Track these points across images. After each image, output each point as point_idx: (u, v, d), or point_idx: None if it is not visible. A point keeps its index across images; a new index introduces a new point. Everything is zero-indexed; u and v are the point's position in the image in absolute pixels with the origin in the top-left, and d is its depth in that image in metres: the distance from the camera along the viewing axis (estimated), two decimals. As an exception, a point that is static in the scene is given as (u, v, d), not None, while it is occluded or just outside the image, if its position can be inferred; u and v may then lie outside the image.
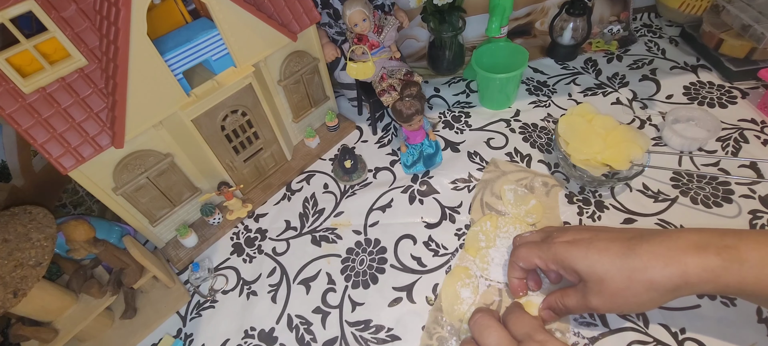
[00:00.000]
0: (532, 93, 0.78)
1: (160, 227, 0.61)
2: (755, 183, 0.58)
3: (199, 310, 0.57)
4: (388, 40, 0.69)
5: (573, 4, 0.77)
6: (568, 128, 0.59)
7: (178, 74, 0.52)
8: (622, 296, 0.38)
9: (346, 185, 0.68)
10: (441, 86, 0.83)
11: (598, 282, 0.39)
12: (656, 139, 0.66)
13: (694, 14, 0.83)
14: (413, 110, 0.60)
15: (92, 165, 0.49)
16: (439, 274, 0.55)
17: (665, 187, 0.60)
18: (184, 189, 0.61)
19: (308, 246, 0.61)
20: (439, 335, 0.49)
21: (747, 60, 0.72)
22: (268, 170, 0.70)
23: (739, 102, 0.70)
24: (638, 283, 0.37)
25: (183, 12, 0.56)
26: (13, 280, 0.42)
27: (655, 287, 0.37)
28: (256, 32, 0.56)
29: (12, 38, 0.41)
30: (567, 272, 0.43)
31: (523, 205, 0.60)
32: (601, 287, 0.39)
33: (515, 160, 0.67)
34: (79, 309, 0.51)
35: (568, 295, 0.43)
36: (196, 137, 0.56)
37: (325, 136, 0.76)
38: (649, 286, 0.37)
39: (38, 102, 0.44)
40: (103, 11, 0.44)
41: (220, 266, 0.62)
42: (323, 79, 0.73)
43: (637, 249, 0.38)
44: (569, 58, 0.84)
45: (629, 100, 0.74)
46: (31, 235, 0.44)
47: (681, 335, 0.46)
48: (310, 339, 0.52)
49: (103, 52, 0.46)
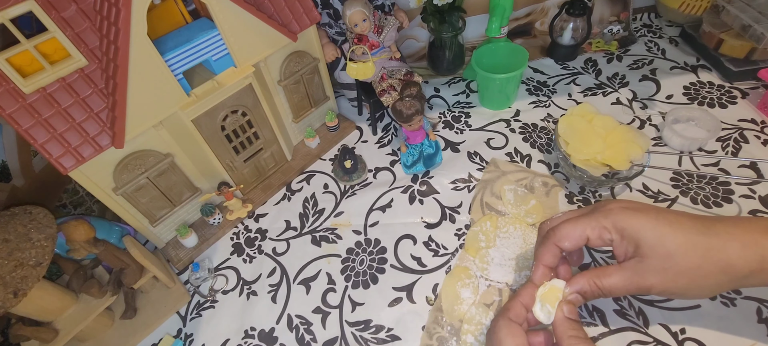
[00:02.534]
0: (532, 93, 0.78)
1: (160, 227, 0.61)
2: (755, 183, 0.58)
3: (199, 310, 0.57)
4: (388, 41, 0.69)
5: (573, 4, 0.77)
6: (568, 128, 0.59)
7: (178, 74, 0.52)
8: (689, 275, 0.34)
9: (346, 185, 0.68)
10: (441, 86, 0.83)
11: (664, 257, 0.34)
12: (656, 139, 0.66)
13: (694, 14, 0.83)
14: (413, 110, 0.60)
15: (92, 165, 0.49)
16: (439, 274, 0.55)
17: (665, 187, 0.60)
18: (184, 189, 0.61)
19: (308, 246, 0.61)
20: (439, 335, 0.49)
21: (747, 60, 0.72)
22: (268, 170, 0.70)
23: (739, 102, 0.70)
24: (712, 263, 0.33)
25: (183, 12, 0.56)
26: (14, 280, 0.42)
27: (729, 270, 0.33)
28: (256, 32, 0.56)
29: (12, 38, 0.41)
30: (624, 244, 0.37)
31: (523, 205, 0.60)
32: (667, 263, 0.34)
33: (515, 160, 0.67)
34: (79, 309, 0.51)
35: (608, 274, 0.37)
36: (196, 137, 0.56)
37: (325, 136, 0.76)
38: (724, 267, 0.33)
39: (38, 102, 0.44)
40: (103, 11, 0.44)
41: (220, 266, 0.62)
42: (323, 79, 0.73)
43: (713, 227, 0.34)
44: (569, 59, 0.84)
45: (629, 100, 0.74)
46: (31, 235, 0.44)
47: (681, 335, 0.46)
48: (310, 339, 0.52)
49: (104, 52, 0.46)
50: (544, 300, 0.39)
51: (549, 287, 0.39)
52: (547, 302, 0.38)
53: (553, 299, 0.38)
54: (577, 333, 0.36)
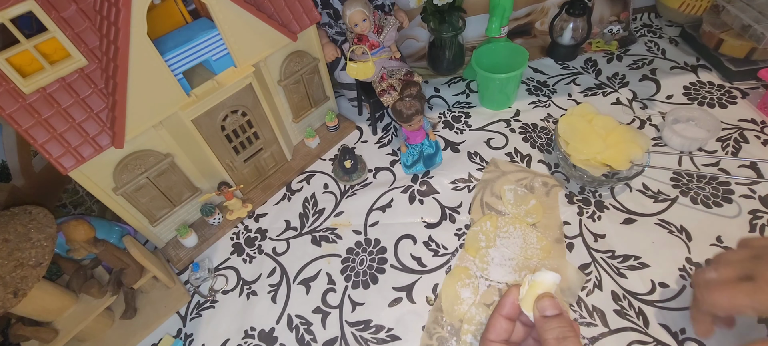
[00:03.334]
0: (532, 93, 0.78)
1: (160, 227, 0.61)
2: (755, 183, 0.58)
3: (199, 310, 0.57)
4: (388, 41, 0.69)
5: (573, 4, 0.77)
6: (568, 128, 0.59)
7: (178, 74, 0.52)
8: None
9: (346, 185, 0.68)
10: (441, 86, 0.83)
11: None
12: (656, 139, 0.66)
13: (694, 14, 0.83)
14: (413, 110, 0.60)
15: (92, 165, 0.49)
16: (439, 274, 0.55)
17: (665, 187, 0.60)
18: (184, 189, 0.61)
19: (308, 246, 0.61)
20: (439, 335, 0.49)
21: (747, 60, 0.72)
22: (268, 170, 0.70)
23: (739, 102, 0.70)
24: None
25: (183, 12, 0.56)
26: (14, 280, 0.42)
27: None
28: (256, 32, 0.56)
29: (12, 38, 0.41)
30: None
31: (523, 205, 0.60)
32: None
33: (515, 160, 0.67)
34: (79, 309, 0.51)
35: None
36: (196, 137, 0.56)
37: (325, 136, 0.76)
38: None
39: (38, 102, 0.44)
40: (103, 11, 0.44)
41: (220, 266, 0.62)
42: (323, 79, 0.73)
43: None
44: (569, 58, 0.84)
45: (629, 100, 0.74)
46: (31, 235, 0.44)
47: (681, 335, 0.46)
48: (310, 339, 0.52)
49: (103, 52, 0.46)
50: (524, 304, 0.36)
51: (529, 284, 0.36)
52: (525, 306, 0.36)
53: (531, 300, 0.35)
54: (556, 334, 0.33)
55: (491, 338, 0.37)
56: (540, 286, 0.35)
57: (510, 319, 0.37)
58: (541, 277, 0.35)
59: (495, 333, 0.37)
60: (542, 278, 0.35)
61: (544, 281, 0.35)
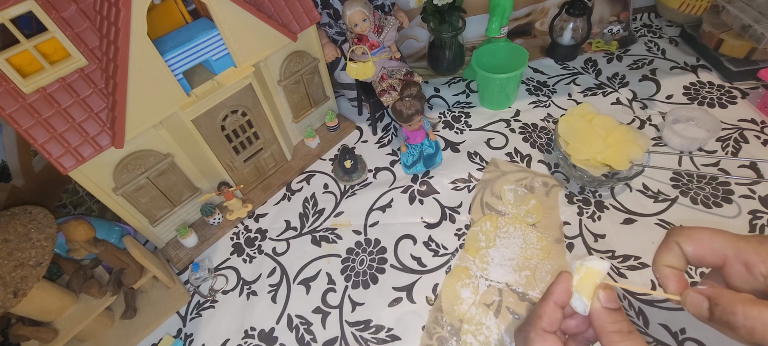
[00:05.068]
0: (532, 93, 0.78)
1: (160, 227, 0.61)
2: (755, 183, 0.58)
3: (199, 310, 0.57)
4: (388, 41, 0.69)
5: (573, 4, 0.77)
6: (568, 128, 0.59)
7: (178, 74, 0.52)
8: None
9: (346, 185, 0.68)
10: (441, 86, 0.83)
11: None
12: (656, 139, 0.66)
13: (694, 14, 0.83)
14: (413, 110, 0.60)
15: (92, 165, 0.49)
16: (439, 274, 0.55)
17: (665, 187, 0.60)
18: (184, 189, 0.61)
19: (308, 246, 0.61)
20: (439, 335, 0.49)
21: (747, 60, 0.72)
22: (268, 170, 0.70)
23: (739, 102, 0.70)
24: None
25: (183, 12, 0.56)
26: (14, 280, 0.42)
27: None
28: (256, 32, 0.56)
29: (12, 38, 0.41)
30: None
31: (523, 205, 0.60)
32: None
33: (515, 160, 0.67)
34: (79, 309, 0.51)
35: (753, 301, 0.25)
36: (196, 137, 0.56)
37: (325, 136, 0.76)
38: None
39: (38, 102, 0.44)
40: (103, 11, 0.44)
41: (220, 266, 0.62)
42: (323, 79, 0.73)
43: None
44: (569, 58, 0.84)
45: (629, 100, 0.74)
46: (31, 235, 0.44)
47: (681, 336, 0.46)
48: (310, 339, 0.52)
49: (103, 52, 0.46)
50: (580, 291, 0.32)
51: (584, 271, 0.32)
52: (582, 293, 0.32)
53: (590, 287, 0.32)
54: (619, 327, 0.30)
55: (546, 328, 0.33)
56: (598, 275, 0.32)
57: (561, 307, 0.34)
58: (597, 265, 0.32)
59: (549, 322, 0.33)
60: (599, 266, 0.32)
61: (601, 269, 0.32)
